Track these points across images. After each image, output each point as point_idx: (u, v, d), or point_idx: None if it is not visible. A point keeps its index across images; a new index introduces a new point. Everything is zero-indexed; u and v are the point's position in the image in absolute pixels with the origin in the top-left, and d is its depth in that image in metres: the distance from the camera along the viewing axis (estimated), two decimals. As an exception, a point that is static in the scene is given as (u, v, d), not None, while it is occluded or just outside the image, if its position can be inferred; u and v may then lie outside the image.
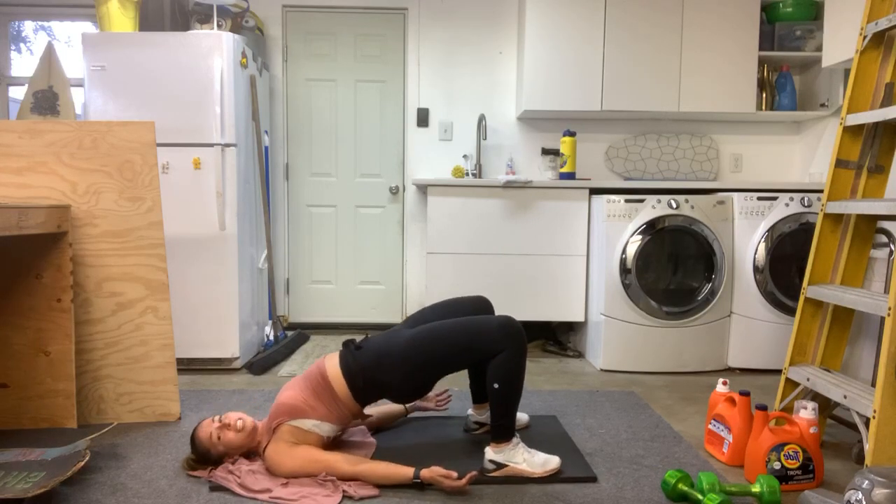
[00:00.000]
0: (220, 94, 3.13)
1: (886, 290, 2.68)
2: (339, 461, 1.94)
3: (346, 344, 2.10)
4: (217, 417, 2.05)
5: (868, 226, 2.26)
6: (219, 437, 2.00)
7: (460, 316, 2.21)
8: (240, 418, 2.04)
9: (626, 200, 3.28)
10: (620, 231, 3.28)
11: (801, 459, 1.97)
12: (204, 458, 2.02)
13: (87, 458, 1.92)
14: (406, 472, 1.91)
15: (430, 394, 2.51)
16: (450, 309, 2.23)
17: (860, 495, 1.59)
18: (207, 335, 3.21)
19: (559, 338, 3.90)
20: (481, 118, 3.94)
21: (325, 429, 2.03)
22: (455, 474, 1.89)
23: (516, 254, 3.55)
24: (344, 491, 1.87)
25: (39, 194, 2.43)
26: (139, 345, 2.51)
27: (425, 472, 1.89)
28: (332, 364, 2.06)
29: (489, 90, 4.14)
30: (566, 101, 3.77)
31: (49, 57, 3.58)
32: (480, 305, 2.26)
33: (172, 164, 3.16)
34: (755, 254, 3.28)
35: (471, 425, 2.39)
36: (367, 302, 4.24)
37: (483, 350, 1.96)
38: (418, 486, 1.91)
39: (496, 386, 1.94)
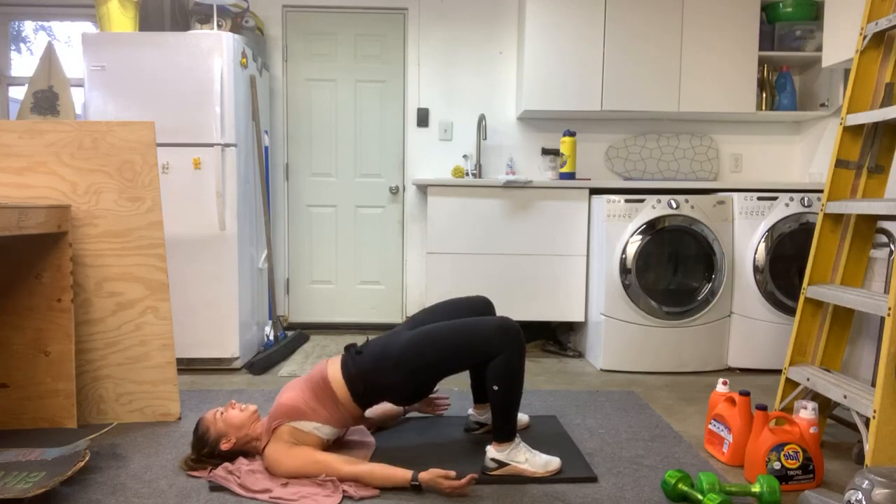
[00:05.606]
0: (220, 94, 3.13)
1: (886, 290, 2.68)
2: (338, 462, 1.93)
3: (347, 348, 2.12)
4: (220, 409, 2.09)
5: (868, 226, 2.26)
6: (221, 413, 2.05)
7: (462, 316, 2.21)
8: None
9: (626, 200, 3.28)
10: (620, 231, 3.28)
11: (801, 459, 1.97)
12: (202, 441, 2.03)
13: (87, 458, 1.92)
14: (404, 474, 1.90)
15: (430, 396, 2.51)
16: (451, 309, 2.23)
17: (860, 495, 1.59)
18: (207, 335, 3.21)
19: (559, 338, 3.90)
20: (481, 118, 3.94)
21: (326, 432, 2.03)
22: (454, 473, 1.88)
23: (516, 254, 3.55)
24: (344, 491, 1.87)
25: (39, 194, 2.43)
26: (139, 345, 2.51)
27: (423, 475, 1.88)
28: (333, 368, 2.06)
29: (489, 90, 4.14)
30: (566, 101, 3.77)
31: (49, 57, 3.57)
32: (482, 306, 2.26)
33: (172, 164, 3.16)
34: (755, 254, 3.28)
35: (471, 425, 2.39)
36: (367, 302, 4.24)
37: (481, 352, 1.96)
38: (416, 488, 1.90)
39: (496, 388, 1.94)
